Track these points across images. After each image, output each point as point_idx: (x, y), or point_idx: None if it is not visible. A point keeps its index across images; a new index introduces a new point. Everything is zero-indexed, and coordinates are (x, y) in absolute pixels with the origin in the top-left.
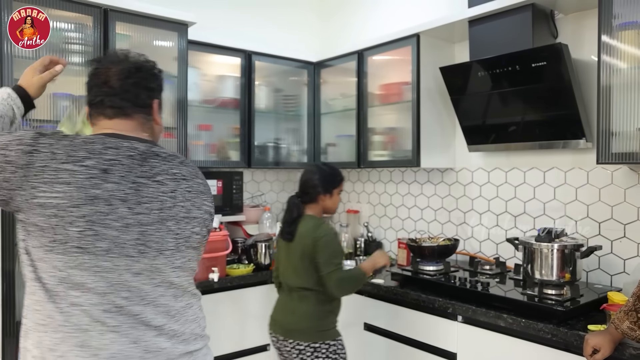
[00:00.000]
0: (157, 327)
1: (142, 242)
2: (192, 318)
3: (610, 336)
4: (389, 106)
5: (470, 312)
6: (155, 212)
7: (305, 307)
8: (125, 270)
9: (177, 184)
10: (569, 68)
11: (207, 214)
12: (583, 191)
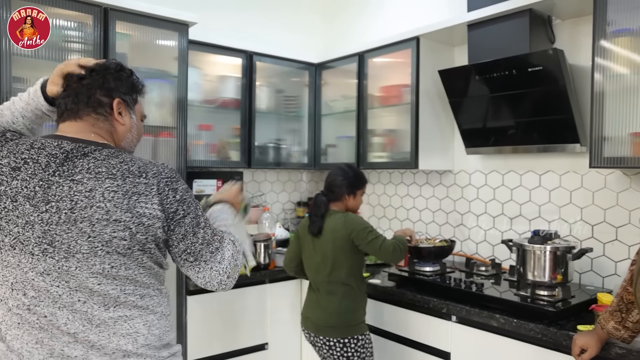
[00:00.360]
0: (70, 333)
1: (47, 241)
2: (124, 332)
3: (597, 336)
4: (389, 108)
5: (464, 312)
6: (65, 211)
7: (333, 303)
8: (30, 269)
9: (99, 183)
10: (564, 73)
11: (145, 217)
12: (577, 194)
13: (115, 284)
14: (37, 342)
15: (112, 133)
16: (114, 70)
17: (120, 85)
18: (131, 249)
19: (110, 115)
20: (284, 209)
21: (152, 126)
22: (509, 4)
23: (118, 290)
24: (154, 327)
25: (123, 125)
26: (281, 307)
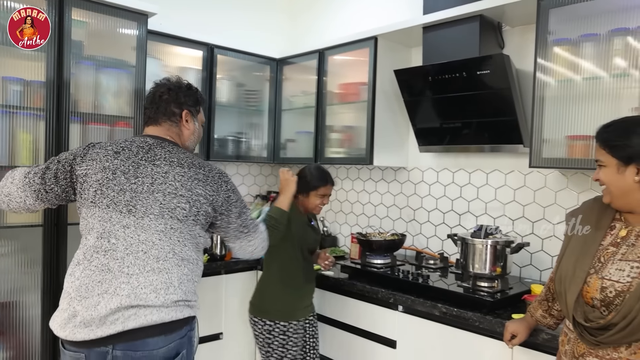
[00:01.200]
0: (129, 274)
1: (132, 204)
2: (162, 280)
3: (527, 323)
4: (347, 105)
5: (410, 302)
6: (147, 184)
7: (260, 283)
8: (117, 222)
9: (171, 168)
10: (509, 77)
11: (200, 196)
12: (520, 193)
13: (170, 242)
14: (101, 282)
15: (180, 135)
16: (185, 88)
17: (188, 100)
18: (187, 217)
19: (179, 122)
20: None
21: (108, 115)
22: (462, 9)
23: (169, 248)
24: (183, 285)
25: (188, 130)
26: (236, 298)
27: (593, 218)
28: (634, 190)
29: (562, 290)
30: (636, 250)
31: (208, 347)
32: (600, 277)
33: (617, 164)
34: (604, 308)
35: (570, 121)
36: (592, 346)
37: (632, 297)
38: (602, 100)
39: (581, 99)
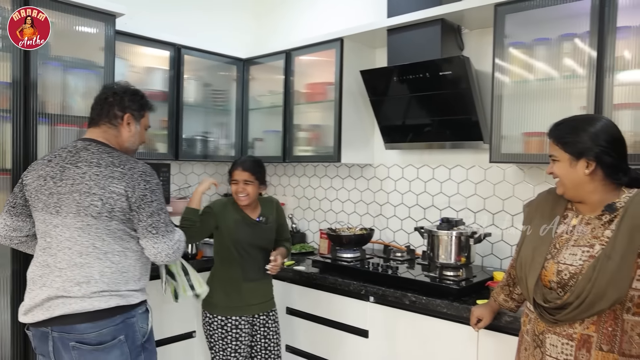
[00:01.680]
0: (60, 269)
1: (58, 205)
2: (85, 274)
3: (491, 307)
4: (314, 104)
5: (380, 292)
6: (68, 186)
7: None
8: (49, 223)
9: (89, 169)
10: (469, 78)
11: (114, 193)
12: (481, 186)
13: (89, 237)
14: (41, 276)
15: (117, 137)
16: (131, 92)
17: (132, 104)
18: (100, 214)
19: (120, 125)
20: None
21: (77, 117)
22: (424, 13)
23: (89, 243)
24: (106, 277)
25: (128, 132)
26: None
27: (547, 209)
28: (584, 183)
29: (522, 275)
30: (586, 237)
31: (181, 345)
32: (556, 262)
33: (569, 158)
34: (560, 289)
35: (526, 119)
36: (550, 324)
37: (583, 279)
38: (554, 99)
39: (535, 98)
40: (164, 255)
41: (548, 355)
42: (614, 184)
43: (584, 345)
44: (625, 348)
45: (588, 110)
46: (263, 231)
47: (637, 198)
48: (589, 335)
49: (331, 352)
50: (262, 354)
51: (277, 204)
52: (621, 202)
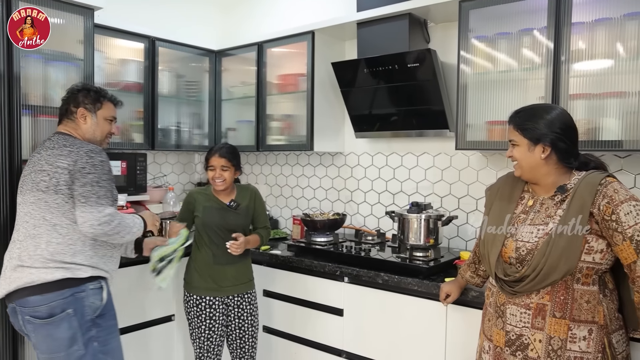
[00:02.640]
0: (20, 241)
1: (22, 185)
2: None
3: (458, 283)
4: (286, 95)
5: (355, 273)
6: (29, 168)
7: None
8: (18, 203)
9: (45, 151)
10: (435, 69)
11: (59, 167)
12: (447, 173)
13: (40, 211)
14: (9, 251)
15: (77, 129)
16: (85, 90)
17: (85, 99)
18: (48, 188)
19: (76, 119)
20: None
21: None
22: (392, 8)
23: (40, 216)
24: (51, 246)
25: (85, 125)
26: None
27: (507, 191)
28: (540, 166)
29: (485, 253)
30: (541, 216)
31: (160, 328)
32: (515, 240)
33: (527, 143)
34: (518, 264)
35: (489, 108)
36: (510, 296)
37: (538, 254)
38: (514, 89)
39: (498, 88)
40: (88, 225)
41: (508, 324)
42: (566, 167)
43: (540, 313)
44: (575, 314)
45: (546, 100)
46: (233, 216)
47: (585, 180)
48: (544, 304)
49: (308, 331)
50: (236, 334)
51: (255, 192)
52: (571, 183)
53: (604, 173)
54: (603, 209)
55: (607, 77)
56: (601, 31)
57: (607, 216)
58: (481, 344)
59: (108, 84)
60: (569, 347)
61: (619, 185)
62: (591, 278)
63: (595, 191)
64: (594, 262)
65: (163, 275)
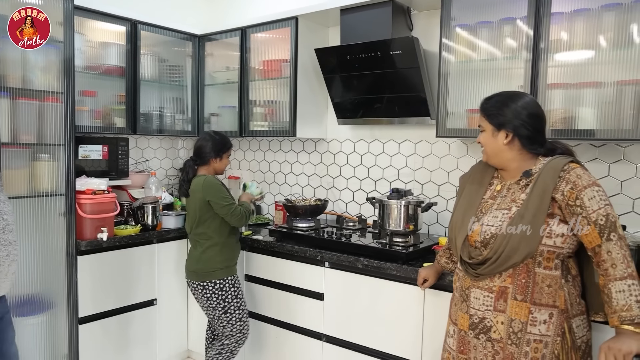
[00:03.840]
0: None
1: None
2: None
3: (435, 269)
4: (269, 81)
5: (335, 258)
6: None
7: (196, 253)
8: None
9: None
10: (418, 57)
11: None
12: (428, 160)
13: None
14: None
15: None
16: None
17: None
18: None
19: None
20: (167, 174)
21: (38, 91)
22: None
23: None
24: None
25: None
26: (168, 265)
27: (478, 177)
28: (503, 151)
29: (453, 237)
30: (507, 200)
31: (143, 312)
32: (481, 224)
33: (492, 129)
34: (482, 248)
35: (469, 96)
36: (474, 279)
37: (500, 236)
38: (495, 78)
39: (479, 77)
40: None
41: (472, 307)
42: (531, 153)
43: (502, 295)
44: (536, 297)
45: (524, 89)
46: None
47: (549, 165)
48: (506, 286)
49: (289, 315)
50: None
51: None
52: (536, 168)
53: (567, 158)
54: (567, 194)
55: (585, 68)
56: (580, 22)
57: (572, 201)
58: (447, 329)
59: (89, 67)
60: (529, 330)
61: (582, 170)
62: (553, 262)
63: (557, 176)
64: (554, 246)
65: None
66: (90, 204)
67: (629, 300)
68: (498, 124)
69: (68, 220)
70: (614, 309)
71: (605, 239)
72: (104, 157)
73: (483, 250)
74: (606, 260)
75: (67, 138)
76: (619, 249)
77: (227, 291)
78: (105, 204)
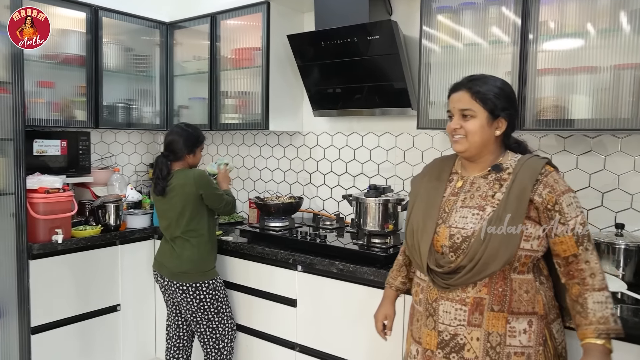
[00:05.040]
0: None
1: None
2: None
3: (390, 300)
4: (241, 70)
5: (308, 261)
6: None
7: (188, 252)
8: None
9: None
10: (397, 43)
11: None
12: (409, 154)
13: None
14: None
15: None
16: None
17: None
18: None
19: None
20: (136, 170)
21: None
22: None
23: None
24: None
25: None
26: (133, 268)
27: (435, 173)
28: (491, 142)
29: (415, 243)
30: (475, 199)
31: (104, 319)
32: (448, 226)
33: (487, 117)
34: (452, 253)
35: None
36: (443, 290)
37: (476, 241)
38: (481, 65)
39: (463, 64)
40: None
41: (441, 322)
42: (503, 145)
43: (477, 308)
44: (515, 306)
45: (512, 75)
46: None
47: (527, 164)
48: (481, 297)
49: (260, 322)
50: None
51: None
52: (507, 163)
53: (544, 160)
54: (546, 197)
55: (578, 51)
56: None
57: (550, 205)
58: (408, 350)
59: (45, 56)
60: (508, 343)
61: (558, 175)
62: (527, 266)
63: (535, 179)
64: (531, 250)
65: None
66: (44, 203)
67: (605, 312)
68: (495, 111)
69: (18, 222)
70: (589, 320)
71: (582, 248)
72: (63, 152)
73: (452, 257)
74: (584, 270)
75: (16, 132)
76: (595, 259)
77: (219, 290)
78: (60, 203)
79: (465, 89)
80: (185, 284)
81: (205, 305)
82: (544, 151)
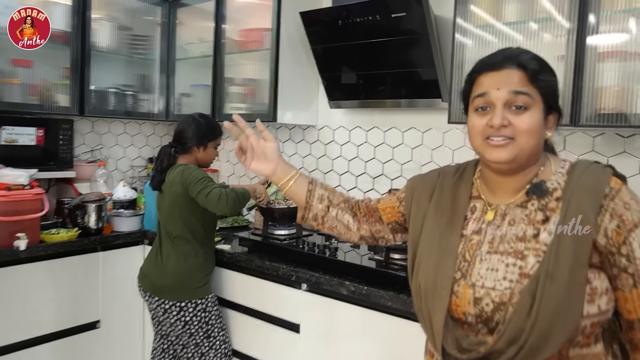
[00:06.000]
0: None
1: None
2: None
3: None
4: (249, 54)
5: (314, 279)
6: None
7: (173, 264)
8: None
9: None
10: (427, 22)
11: None
12: (438, 153)
13: None
14: None
15: None
16: None
17: None
18: None
19: None
20: (133, 165)
21: None
22: None
23: None
24: None
25: None
26: (117, 279)
27: (447, 199)
28: (541, 148)
29: (423, 308)
30: (507, 239)
31: (81, 338)
32: (471, 284)
33: (543, 108)
34: (481, 325)
35: None
36: None
37: (518, 312)
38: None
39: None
40: None
41: None
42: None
43: None
44: None
45: (567, 61)
46: None
47: (581, 181)
48: None
49: (258, 348)
50: None
51: None
52: (552, 180)
53: (606, 169)
54: (612, 235)
55: None
56: None
57: (615, 248)
58: None
59: None
60: None
61: (628, 191)
62: (594, 335)
63: (600, 204)
64: (599, 313)
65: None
66: (3, 202)
67: None
68: (552, 102)
69: None
70: None
71: None
72: (39, 142)
73: (482, 332)
74: None
75: None
76: None
77: (210, 311)
78: (25, 202)
79: (517, 65)
80: (167, 301)
81: (192, 329)
82: (598, 152)
